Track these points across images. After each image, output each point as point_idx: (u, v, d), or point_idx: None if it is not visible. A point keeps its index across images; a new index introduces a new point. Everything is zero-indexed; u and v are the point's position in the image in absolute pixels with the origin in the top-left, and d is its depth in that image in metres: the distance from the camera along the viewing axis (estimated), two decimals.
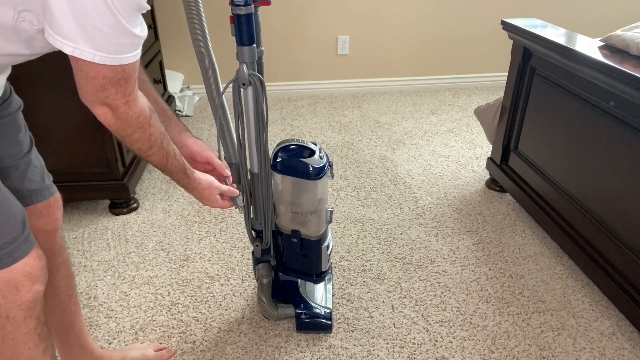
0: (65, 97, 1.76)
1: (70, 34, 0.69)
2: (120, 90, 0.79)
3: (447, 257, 1.80)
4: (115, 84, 0.78)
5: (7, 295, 0.91)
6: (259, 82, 1.13)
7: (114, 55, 0.73)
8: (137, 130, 0.88)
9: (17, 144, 1.01)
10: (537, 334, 1.48)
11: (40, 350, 1.01)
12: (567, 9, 3.27)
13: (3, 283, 0.90)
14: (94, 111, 0.82)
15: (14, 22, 0.73)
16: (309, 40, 3.18)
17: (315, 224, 1.34)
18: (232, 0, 1.05)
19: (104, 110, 0.82)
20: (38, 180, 1.07)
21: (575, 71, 1.60)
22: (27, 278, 0.92)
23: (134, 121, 0.86)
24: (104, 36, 0.70)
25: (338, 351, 1.42)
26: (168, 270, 1.73)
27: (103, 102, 0.80)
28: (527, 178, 1.95)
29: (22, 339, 0.97)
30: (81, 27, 0.68)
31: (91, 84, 0.77)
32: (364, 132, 2.77)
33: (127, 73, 0.78)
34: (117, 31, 0.70)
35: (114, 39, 0.71)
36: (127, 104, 0.82)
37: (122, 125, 0.85)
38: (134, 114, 0.85)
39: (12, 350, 0.97)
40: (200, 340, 1.46)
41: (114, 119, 0.84)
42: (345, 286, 1.66)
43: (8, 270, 0.89)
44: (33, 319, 0.97)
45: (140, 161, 2.14)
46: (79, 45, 0.70)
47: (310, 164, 1.25)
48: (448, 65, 3.37)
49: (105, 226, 1.96)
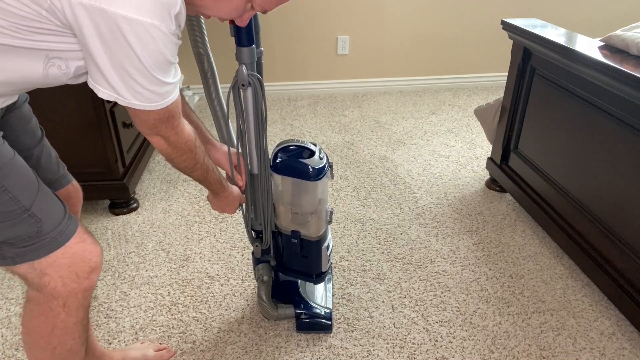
0: (65, 98, 1.76)
1: (122, 92, 0.81)
2: (169, 125, 0.92)
3: (447, 257, 1.80)
4: (164, 122, 0.91)
5: (68, 282, 0.95)
6: (258, 82, 1.13)
7: (157, 102, 0.85)
8: (185, 153, 1.00)
9: (28, 134, 1.06)
10: (537, 334, 1.48)
11: (81, 341, 1.06)
12: (567, 9, 3.27)
13: (65, 269, 0.94)
14: (150, 140, 0.95)
15: (44, 70, 0.83)
16: (309, 40, 3.17)
17: (315, 225, 1.34)
18: None
19: (159, 139, 0.94)
20: (54, 170, 1.12)
21: (575, 71, 1.60)
22: (87, 264, 0.96)
23: (184, 146, 0.98)
24: (147, 92, 0.82)
25: (338, 351, 1.42)
26: (168, 270, 1.73)
27: (157, 133, 0.93)
28: (527, 178, 1.95)
29: (71, 329, 1.01)
30: (129, 88, 0.81)
31: (144, 124, 0.90)
32: (364, 132, 2.77)
33: (172, 112, 0.90)
34: (156, 85, 0.82)
35: (155, 91, 0.83)
36: (176, 134, 0.95)
37: (173, 151, 0.98)
38: (182, 141, 0.97)
39: (58, 340, 1.01)
40: (200, 340, 1.46)
41: (166, 146, 0.96)
42: (345, 286, 1.66)
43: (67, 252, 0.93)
44: (83, 308, 1.01)
45: (141, 161, 2.15)
46: (130, 100, 0.82)
47: (310, 165, 1.25)
48: (448, 65, 3.37)
49: (105, 226, 1.96)
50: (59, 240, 0.92)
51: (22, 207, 0.87)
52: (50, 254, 0.91)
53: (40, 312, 0.97)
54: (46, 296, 0.95)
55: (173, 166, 1.05)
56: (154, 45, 0.77)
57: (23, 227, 0.88)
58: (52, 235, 0.91)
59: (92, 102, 1.77)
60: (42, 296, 0.95)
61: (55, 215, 0.92)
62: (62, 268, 0.93)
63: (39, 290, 0.95)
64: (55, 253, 0.92)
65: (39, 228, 0.89)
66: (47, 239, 0.91)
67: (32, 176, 0.91)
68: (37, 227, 0.89)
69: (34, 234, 0.89)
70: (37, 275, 0.93)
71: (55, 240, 0.92)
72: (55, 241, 0.92)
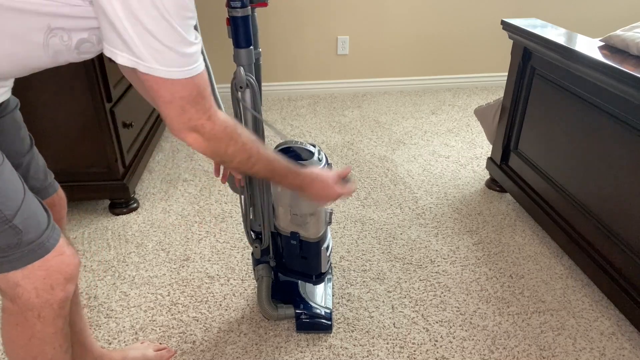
0: (65, 97, 1.76)
1: (140, 52, 0.73)
2: (200, 108, 0.81)
3: (447, 257, 1.80)
4: (193, 102, 0.80)
5: (42, 294, 0.91)
6: (255, 84, 1.13)
7: (181, 68, 0.76)
8: (229, 143, 0.89)
9: (18, 142, 1.03)
10: (537, 334, 1.48)
11: (63, 349, 1.02)
12: (567, 9, 3.27)
13: (40, 281, 0.90)
14: (186, 141, 0.84)
15: (45, 39, 0.77)
16: (309, 40, 3.17)
17: (315, 226, 1.34)
18: (229, 2, 1.03)
19: (194, 136, 0.84)
20: (41, 178, 1.09)
21: (575, 71, 1.60)
22: (63, 276, 0.92)
23: (223, 134, 0.87)
24: (167, 49, 0.73)
25: (338, 351, 1.42)
26: (168, 270, 1.73)
27: (189, 127, 0.83)
28: (527, 178, 1.95)
29: (49, 339, 0.98)
30: (147, 45, 0.72)
31: (171, 109, 0.80)
32: (364, 132, 2.77)
33: (200, 87, 0.80)
34: (176, 40, 0.74)
35: (175, 49, 0.74)
36: (210, 119, 0.84)
37: (214, 144, 0.87)
38: (219, 127, 0.86)
39: (38, 350, 0.98)
40: (200, 340, 1.46)
41: (205, 142, 0.85)
42: (345, 286, 1.66)
43: (44, 264, 0.89)
44: (61, 318, 0.98)
45: (141, 161, 2.15)
46: (149, 62, 0.74)
47: (309, 167, 1.25)
48: (448, 65, 3.37)
49: (105, 226, 1.96)
50: (37, 252, 0.88)
51: (4, 217, 0.83)
52: (26, 266, 0.88)
53: (16, 322, 0.94)
54: (20, 307, 0.92)
55: (232, 169, 0.93)
56: None
57: (2, 238, 0.84)
58: (32, 247, 0.87)
59: (92, 102, 1.77)
60: (16, 307, 0.92)
61: (37, 227, 0.88)
62: (37, 280, 0.89)
63: (12, 301, 0.91)
64: (32, 265, 0.88)
65: (19, 240, 0.85)
66: (26, 250, 0.87)
67: (19, 184, 0.88)
68: (17, 238, 0.85)
69: (13, 245, 0.85)
70: (10, 287, 0.89)
71: (34, 252, 0.88)
72: (33, 253, 0.88)
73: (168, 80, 0.76)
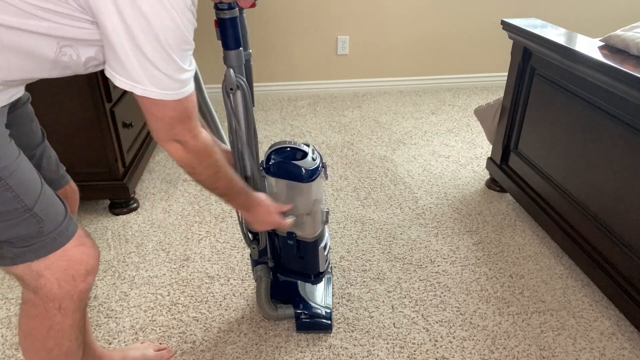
0: (65, 97, 1.76)
1: (139, 77, 0.80)
2: (186, 126, 0.90)
3: (447, 257, 1.80)
4: (181, 122, 0.89)
5: (63, 285, 0.94)
6: (245, 86, 1.13)
7: (174, 91, 0.84)
8: (205, 159, 0.98)
9: (30, 135, 1.06)
10: (537, 334, 1.48)
11: (78, 342, 1.05)
12: (567, 9, 3.27)
13: (61, 272, 0.93)
14: (167, 149, 0.93)
15: (55, 56, 0.82)
16: (308, 40, 3.18)
17: (311, 226, 1.34)
18: (216, 4, 1.03)
19: (176, 146, 0.92)
20: (53, 170, 1.11)
21: (575, 71, 1.60)
22: (83, 267, 0.96)
23: (203, 151, 0.96)
24: (163, 76, 0.81)
25: (338, 351, 1.42)
26: (168, 270, 1.73)
27: (174, 139, 0.91)
28: (527, 178, 1.95)
29: (67, 331, 1.00)
30: (146, 71, 0.80)
31: (161, 124, 0.88)
32: (364, 132, 2.77)
33: (188, 109, 0.89)
34: (173, 69, 0.81)
35: (172, 76, 0.82)
36: (194, 137, 0.93)
37: (192, 157, 0.95)
38: (201, 145, 0.95)
39: (55, 342, 1.01)
40: (200, 340, 1.46)
41: (185, 153, 0.94)
42: (345, 286, 1.66)
43: (65, 254, 0.93)
44: (80, 311, 1.01)
45: (141, 161, 2.15)
46: (146, 85, 0.81)
47: (303, 167, 1.25)
48: (448, 65, 3.37)
49: (105, 226, 1.96)
50: (58, 241, 0.92)
51: (25, 207, 0.87)
52: (48, 255, 0.91)
53: (36, 314, 0.97)
54: (42, 298, 0.94)
55: (195, 180, 1.02)
56: (171, 17, 0.77)
57: (25, 227, 0.88)
58: (52, 236, 0.91)
59: (92, 102, 1.77)
60: (38, 298, 0.95)
61: (56, 216, 0.92)
62: (58, 270, 0.93)
63: (35, 292, 0.94)
64: (54, 255, 0.92)
65: (40, 228, 0.89)
66: (48, 239, 0.90)
67: (36, 176, 0.91)
68: (39, 227, 0.89)
69: (35, 234, 0.89)
70: (33, 277, 0.92)
71: (55, 241, 0.91)
72: (55, 242, 0.91)
73: (161, 101, 0.83)
